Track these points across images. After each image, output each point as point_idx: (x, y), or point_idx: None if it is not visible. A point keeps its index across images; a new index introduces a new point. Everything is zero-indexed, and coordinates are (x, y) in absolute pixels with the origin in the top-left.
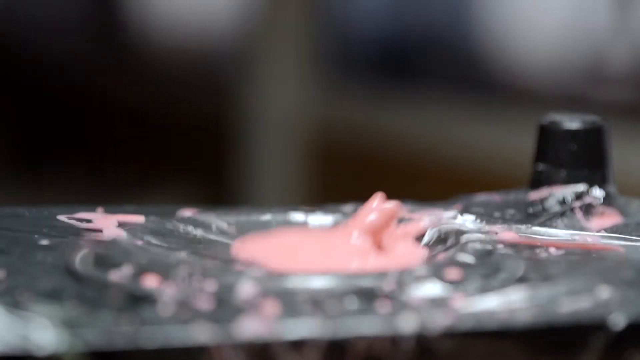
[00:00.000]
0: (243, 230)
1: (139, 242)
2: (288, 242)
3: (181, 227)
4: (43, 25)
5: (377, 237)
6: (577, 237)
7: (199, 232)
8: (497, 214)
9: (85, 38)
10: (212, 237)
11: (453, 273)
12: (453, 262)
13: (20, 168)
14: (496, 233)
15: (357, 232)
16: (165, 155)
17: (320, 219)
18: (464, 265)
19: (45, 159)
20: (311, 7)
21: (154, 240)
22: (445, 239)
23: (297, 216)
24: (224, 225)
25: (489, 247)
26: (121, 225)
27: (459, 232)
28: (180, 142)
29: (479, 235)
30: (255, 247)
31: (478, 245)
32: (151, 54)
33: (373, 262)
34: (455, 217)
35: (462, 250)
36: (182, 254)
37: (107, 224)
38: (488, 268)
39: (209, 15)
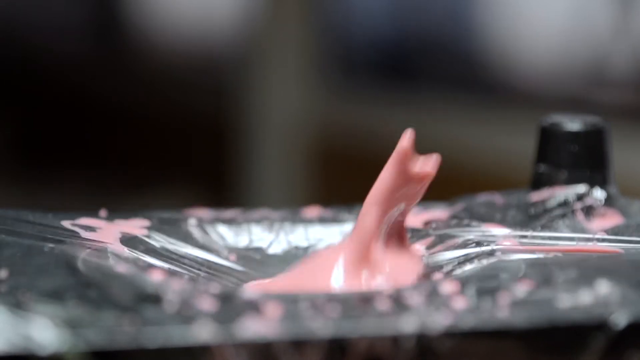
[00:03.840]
0: (243, 258)
1: (142, 261)
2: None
3: (185, 249)
4: (44, 27)
5: (371, 244)
6: (577, 242)
7: (200, 258)
8: (498, 216)
9: (87, 40)
10: (214, 265)
11: (453, 284)
12: (453, 270)
13: (20, 170)
14: (496, 239)
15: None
16: (166, 158)
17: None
18: (462, 277)
19: (45, 161)
20: (312, 10)
21: (158, 263)
22: (447, 242)
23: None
24: (224, 251)
25: (489, 249)
26: (124, 240)
27: (461, 235)
28: (181, 144)
29: (480, 238)
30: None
31: (478, 249)
32: (153, 57)
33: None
34: (456, 221)
35: (462, 250)
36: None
37: (110, 237)
38: (489, 268)
39: (210, 18)
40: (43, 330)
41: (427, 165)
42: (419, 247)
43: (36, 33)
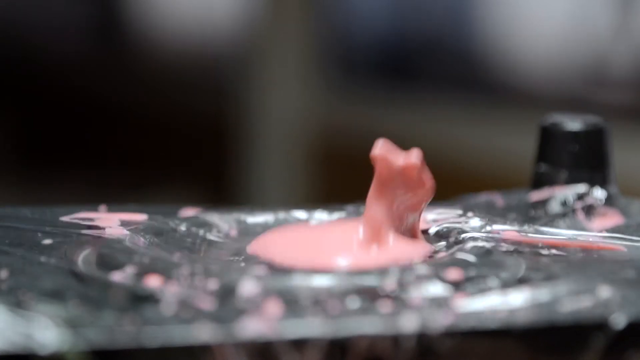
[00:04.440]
0: (245, 232)
1: (142, 242)
2: (294, 236)
3: (184, 227)
4: (44, 27)
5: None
6: (579, 237)
7: (201, 233)
8: (498, 214)
9: (87, 40)
10: (214, 238)
11: (454, 273)
12: (454, 262)
13: (21, 170)
14: (498, 233)
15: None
16: (167, 158)
17: (323, 217)
18: (464, 265)
19: (46, 161)
20: (313, 10)
21: (156, 241)
22: (448, 238)
23: (299, 214)
24: (225, 226)
25: (490, 246)
26: (124, 224)
27: (461, 231)
28: (182, 144)
29: (481, 235)
30: (263, 243)
31: (479, 245)
32: (153, 57)
33: (373, 257)
34: (458, 217)
35: (463, 249)
36: (185, 255)
37: (109, 222)
38: (489, 268)
39: (211, 18)
40: (43, 329)
41: (410, 157)
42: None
43: (36, 33)
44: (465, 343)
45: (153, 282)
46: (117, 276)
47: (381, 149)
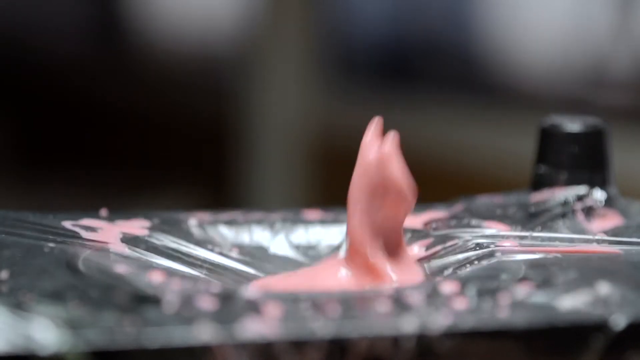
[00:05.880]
0: (247, 256)
1: (143, 261)
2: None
3: (186, 247)
4: (45, 28)
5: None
6: (577, 243)
7: (201, 254)
8: (499, 211)
9: (87, 41)
10: (216, 260)
11: (454, 274)
12: (454, 263)
13: (21, 171)
14: (495, 242)
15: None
16: (167, 159)
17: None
18: (464, 266)
19: (46, 162)
20: (313, 12)
21: (158, 261)
22: (447, 243)
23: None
24: (226, 249)
25: (490, 248)
26: (125, 239)
27: (461, 236)
28: (182, 145)
29: (480, 239)
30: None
31: (479, 246)
32: (153, 58)
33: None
34: (455, 221)
35: (463, 251)
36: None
37: (111, 237)
38: (489, 269)
39: (211, 20)
40: (44, 330)
41: (384, 146)
42: (418, 248)
43: (36, 33)
44: (464, 344)
45: (156, 277)
46: (120, 268)
47: (373, 131)
